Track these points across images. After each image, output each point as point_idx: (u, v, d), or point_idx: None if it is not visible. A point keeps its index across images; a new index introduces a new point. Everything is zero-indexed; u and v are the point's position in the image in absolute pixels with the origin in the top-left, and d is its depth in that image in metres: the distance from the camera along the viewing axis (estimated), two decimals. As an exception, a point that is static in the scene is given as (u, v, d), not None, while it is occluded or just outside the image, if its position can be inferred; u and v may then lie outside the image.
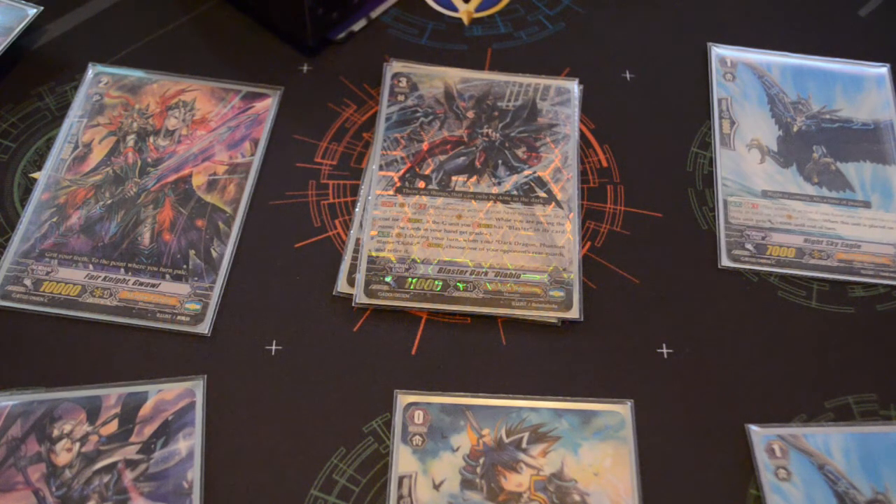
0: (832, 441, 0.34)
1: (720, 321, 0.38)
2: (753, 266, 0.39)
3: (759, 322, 0.38)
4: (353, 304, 0.37)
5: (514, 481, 0.33)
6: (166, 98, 0.43)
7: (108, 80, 0.43)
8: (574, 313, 0.37)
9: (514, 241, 0.38)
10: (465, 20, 0.47)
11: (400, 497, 0.32)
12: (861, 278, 0.39)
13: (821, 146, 0.43)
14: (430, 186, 0.40)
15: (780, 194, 0.41)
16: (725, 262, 0.39)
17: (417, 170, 0.40)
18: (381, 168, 0.40)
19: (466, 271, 0.37)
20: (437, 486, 0.33)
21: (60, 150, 0.41)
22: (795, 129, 0.44)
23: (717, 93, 0.45)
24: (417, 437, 0.34)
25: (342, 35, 0.46)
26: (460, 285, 0.37)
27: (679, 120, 0.44)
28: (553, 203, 0.39)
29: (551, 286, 0.37)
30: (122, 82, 0.43)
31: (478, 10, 0.48)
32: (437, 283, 0.37)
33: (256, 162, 0.41)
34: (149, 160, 0.41)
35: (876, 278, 0.39)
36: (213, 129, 0.42)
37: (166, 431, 0.34)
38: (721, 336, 0.37)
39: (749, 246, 0.40)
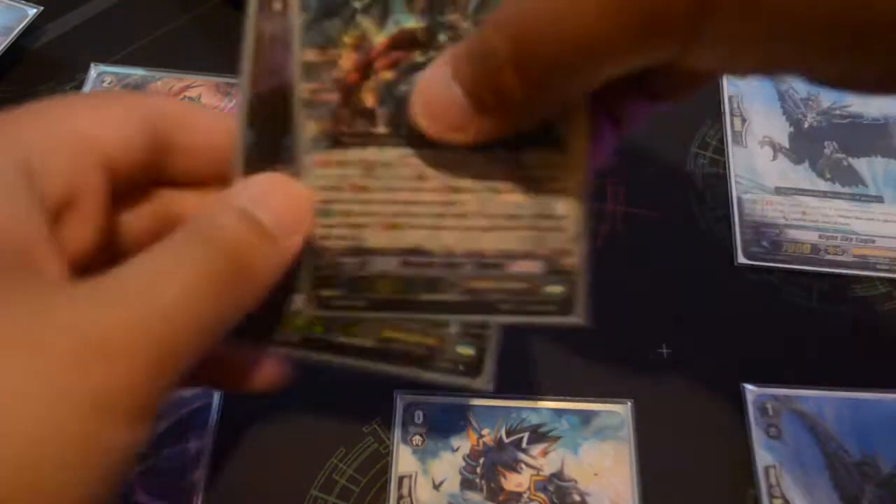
0: (825, 404, 0.35)
1: (721, 321, 0.38)
2: (769, 263, 0.39)
3: (761, 322, 0.38)
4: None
5: (514, 481, 0.33)
6: (171, 95, 0.43)
7: (111, 80, 0.43)
8: (577, 317, 0.26)
9: (496, 211, 0.25)
10: None
11: (400, 497, 0.32)
12: (877, 273, 0.39)
13: (832, 142, 0.43)
14: (377, 128, 0.25)
15: (794, 191, 0.42)
16: (742, 259, 0.39)
17: (356, 100, 0.25)
18: (307, 105, 0.25)
19: (436, 263, 0.25)
20: (437, 486, 0.33)
21: None
22: (806, 125, 0.44)
23: (727, 90, 0.45)
24: (417, 437, 0.34)
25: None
26: (433, 284, 0.26)
27: (679, 120, 0.44)
28: (555, 140, 0.25)
29: (546, 278, 0.25)
30: (126, 81, 0.43)
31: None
32: (398, 283, 0.26)
33: None
34: None
35: (892, 273, 0.39)
36: None
37: (180, 429, 0.34)
38: (722, 336, 0.37)
39: (765, 243, 0.40)
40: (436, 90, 0.22)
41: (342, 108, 0.25)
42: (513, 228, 0.26)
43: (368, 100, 0.25)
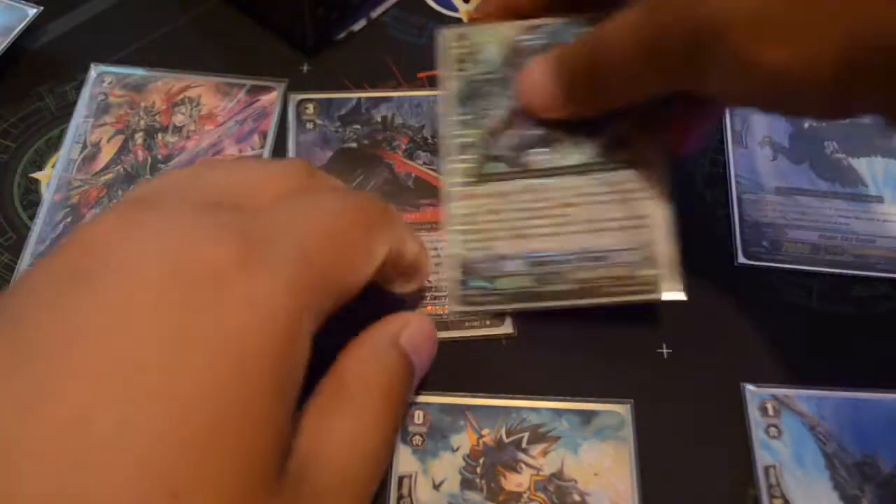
0: (825, 404, 0.35)
1: (721, 321, 0.38)
2: (769, 263, 0.39)
3: (761, 322, 0.38)
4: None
5: (514, 481, 0.33)
6: (171, 95, 0.43)
7: (111, 80, 0.43)
8: (669, 293, 0.34)
9: (599, 217, 0.34)
10: (466, 20, 0.47)
11: (400, 497, 0.32)
12: (877, 273, 0.39)
13: (832, 142, 0.43)
14: (506, 168, 0.35)
15: (794, 191, 0.42)
16: (742, 259, 0.39)
17: (491, 151, 0.36)
18: (451, 157, 0.36)
19: (555, 261, 0.34)
20: (437, 486, 0.33)
21: (69, 150, 0.41)
22: (806, 125, 0.44)
23: None
24: (417, 437, 0.34)
25: (342, 35, 0.46)
26: (551, 278, 0.34)
27: (679, 119, 0.44)
28: (637, 162, 0.35)
29: (641, 264, 0.34)
30: (126, 81, 0.43)
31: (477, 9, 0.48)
32: (528, 278, 0.34)
33: (266, 154, 0.42)
34: (159, 157, 0.41)
35: (892, 273, 0.39)
36: (221, 124, 0.42)
37: None
38: (722, 336, 0.37)
39: (765, 243, 0.40)
40: (537, 80, 0.34)
41: (484, 155, 0.35)
42: (612, 229, 0.34)
43: (501, 149, 0.35)
